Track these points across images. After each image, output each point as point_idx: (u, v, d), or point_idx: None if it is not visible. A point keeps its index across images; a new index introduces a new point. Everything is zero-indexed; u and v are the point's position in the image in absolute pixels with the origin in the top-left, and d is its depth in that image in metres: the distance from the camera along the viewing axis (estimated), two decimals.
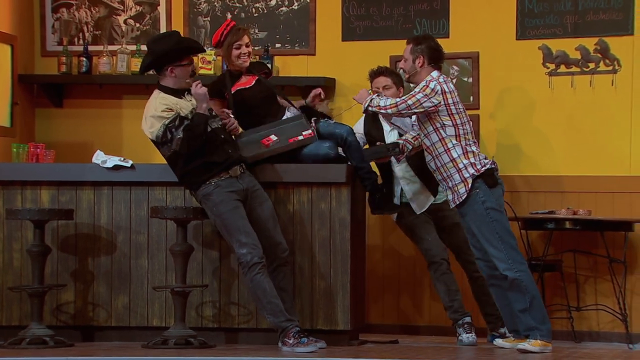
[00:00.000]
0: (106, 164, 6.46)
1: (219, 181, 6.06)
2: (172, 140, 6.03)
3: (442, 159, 6.01)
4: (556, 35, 7.12)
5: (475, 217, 5.95)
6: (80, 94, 7.83)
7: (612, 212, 6.94)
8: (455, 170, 5.98)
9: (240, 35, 6.36)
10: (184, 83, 6.16)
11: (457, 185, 5.99)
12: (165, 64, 6.10)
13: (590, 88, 7.08)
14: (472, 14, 7.26)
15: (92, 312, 6.50)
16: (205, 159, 6.06)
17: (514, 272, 5.87)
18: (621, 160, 6.98)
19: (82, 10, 7.87)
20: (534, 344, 5.88)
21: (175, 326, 6.17)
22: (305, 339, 5.93)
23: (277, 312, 5.97)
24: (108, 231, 6.51)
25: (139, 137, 7.69)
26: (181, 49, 6.12)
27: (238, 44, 6.35)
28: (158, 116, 6.06)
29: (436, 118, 6.00)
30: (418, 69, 6.07)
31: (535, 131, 7.15)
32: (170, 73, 6.12)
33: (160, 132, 6.05)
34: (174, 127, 6.03)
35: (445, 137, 5.99)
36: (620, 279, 6.73)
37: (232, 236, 6.03)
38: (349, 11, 7.49)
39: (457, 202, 6.01)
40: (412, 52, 6.08)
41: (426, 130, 6.05)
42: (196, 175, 6.08)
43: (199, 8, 7.73)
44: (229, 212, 6.03)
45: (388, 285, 7.32)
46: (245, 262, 5.98)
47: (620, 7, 7.01)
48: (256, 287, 5.97)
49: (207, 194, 6.07)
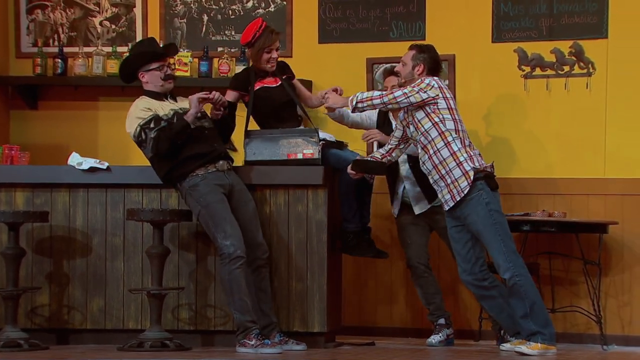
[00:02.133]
0: (82, 166, 6.43)
1: (206, 173, 6.07)
2: (147, 140, 6.06)
3: (442, 154, 5.89)
4: (531, 38, 7.17)
5: (479, 218, 5.84)
6: (56, 96, 7.79)
7: (587, 214, 6.98)
8: (456, 164, 5.88)
9: (273, 40, 6.32)
10: (159, 87, 6.19)
11: (457, 180, 5.87)
12: (138, 70, 6.21)
13: (565, 91, 7.13)
14: (448, 17, 7.29)
15: (67, 315, 6.46)
16: (191, 151, 6.06)
17: (514, 277, 5.80)
18: (596, 163, 7.03)
19: (57, 11, 7.83)
20: (533, 347, 5.80)
21: (151, 329, 6.15)
22: (268, 341, 5.94)
23: (245, 311, 5.98)
24: (84, 233, 6.48)
25: (115, 139, 7.70)
26: (141, 54, 6.20)
27: (269, 49, 6.32)
28: (135, 116, 6.12)
29: (435, 112, 5.90)
30: (415, 76, 6.01)
31: (510, 134, 7.18)
32: (142, 78, 6.24)
33: (137, 131, 6.08)
34: (147, 128, 6.06)
35: (445, 130, 5.89)
36: (594, 280, 6.77)
37: (217, 226, 6.00)
38: (326, 13, 7.50)
39: (458, 198, 5.85)
40: (414, 59, 6.03)
41: (423, 127, 5.94)
42: (183, 167, 6.08)
43: (175, 10, 7.71)
44: (216, 202, 6.02)
45: (365, 287, 7.33)
46: (228, 253, 5.96)
47: (595, 10, 7.06)
48: (232, 281, 5.96)
49: (194, 185, 6.06)
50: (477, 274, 5.92)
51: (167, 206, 6.38)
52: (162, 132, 6.04)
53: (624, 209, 6.95)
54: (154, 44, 6.37)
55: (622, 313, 6.83)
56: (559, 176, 7.07)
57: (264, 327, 6.13)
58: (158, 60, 6.21)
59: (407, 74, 6.06)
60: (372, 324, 7.28)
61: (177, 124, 6.08)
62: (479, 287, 5.94)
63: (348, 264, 7.09)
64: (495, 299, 5.97)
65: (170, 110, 6.17)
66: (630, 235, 6.96)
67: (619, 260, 6.99)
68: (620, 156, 7.00)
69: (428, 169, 6.00)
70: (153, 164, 6.19)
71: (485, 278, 5.95)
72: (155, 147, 6.05)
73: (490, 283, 5.95)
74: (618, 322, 6.92)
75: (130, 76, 6.29)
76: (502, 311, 5.99)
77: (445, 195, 5.96)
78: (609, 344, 6.69)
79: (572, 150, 7.09)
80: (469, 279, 5.95)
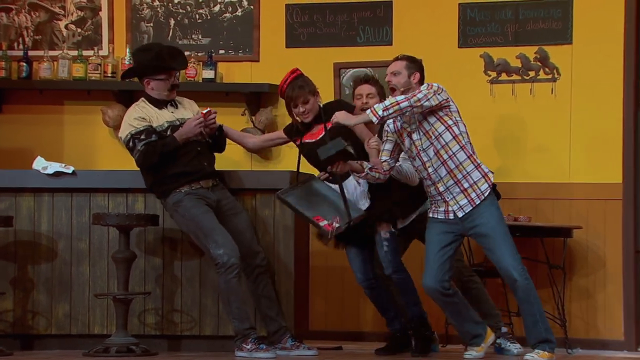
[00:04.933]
0: (47, 170, 6.39)
1: (189, 189, 6.05)
2: (134, 150, 6.05)
3: (458, 157, 5.72)
4: (497, 43, 7.22)
5: (493, 219, 5.73)
6: (20, 100, 7.72)
7: (551, 218, 7.04)
8: (474, 166, 5.76)
9: (295, 95, 6.12)
10: (164, 95, 6.16)
11: (477, 183, 5.74)
12: (143, 76, 6.16)
13: (530, 96, 7.18)
14: (415, 22, 7.32)
15: (31, 320, 6.41)
16: (178, 168, 6.05)
17: (525, 280, 5.72)
18: (561, 168, 7.09)
19: (22, 14, 7.77)
20: (542, 355, 5.73)
21: (117, 334, 6.12)
22: (263, 345, 5.94)
23: (244, 319, 5.97)
24: (49, 238, 6.44)
25: (80, 143, 7.66)
26: (155, 66, 6.12)
27: (294, 104, 6.16)
28: (129, 123, 6.09)
29: (448, 115, 5.78)
30: (413, 85, 5.91)
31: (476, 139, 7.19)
32: (147, 85, 6.17)
33: (127, 138, 6.07)
34: (137, 139, 6.03)
35: (459, 134, 5.78)
36: (559, 284, 6.82)
37: (208, 237, 5.98)
38: (293, 18, 7.51)
39: (478, 201, 5.73)
40: (408, 68, 5.92)
41: (437, 131, 5.74)
42: (166, 183, 6.06)
43: (141, 14, 7.68)
44: (202, 214, 6.01)
45: (332, 292, 7.33)
46: (222, 262, 5.93)
47: (560, 16, 7.13)
48: (229, 291, 5.95)
49: (178, 201, 6.05)
50: (445, 283, 5.82)
51: (133, 211, 6.36)
52: (149, 147, 6.01)
53: (589, 213, 7.02)
54: (164, 53, 6.16)
55: (586, 317, 6.89)
56: (524, 181, 7.13)
57: (274, 332, 6.13)
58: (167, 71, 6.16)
59: (405, 83, 5.91)
60: (339, 328, 7.29)
61: (169, 142, 6.04)
62: (444, 294, 5.84)
63: (315, 269, 7.09)
64: (456, 304, 5.90)
65: (165, 122, 6.12)
66: (594, 240, 7.02)
67: (583, 265, 7.05)
68: (585, 161, 7.06)
69: (439, 176, 5.77)
70: (141, 172, 6.18)
71: (449, 287, 5.86)
72: (142, 159, 6.03)
73: (453, 291, 5.90)
74: (582, 326, 6.98)
75: (132, 75, 6.25)
76: (460, 316, 5.91)
77: (460, 201, 5.76)
78: (574, 347, 6.74)
79: (538, 155, 7.14)
80: (437, 286, 5.80)
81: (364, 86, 6.35)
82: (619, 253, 7.00)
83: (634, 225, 7.01)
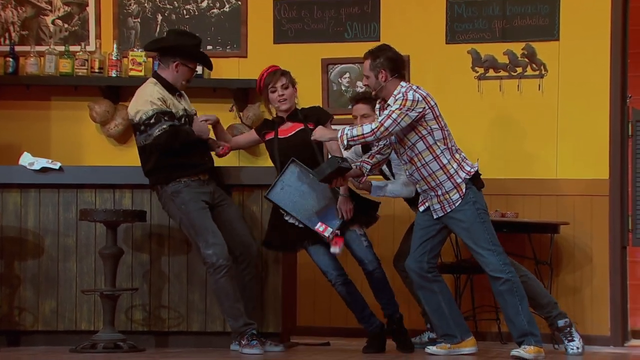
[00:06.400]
0: (34, 166, 6.37)
1: (189, 181, 6.04)
2: (155, 126, 5.91)
3: (430, 167, 5.72)
4: (485, 39, 7.23)
5: (466, 218, 5.73)
6: (7, 95, 7.70)
7: (538, 214, 7.05)
8: (447, 177, 5.73)
9: (276, 78, 6.12)
10: (179, 84, 6.12)
11: (448, 193, 5.73)
12: (175, 57, 6.05)
13: (517, 92, 7.20)
14: (402, 18, 7.33)
15: (18, 317, 6.39)
16: (185, 159, 6.02)
17: (506, 274, 5.72)
18: (548, 164, 7.11)
19: (8, 10, 7.74)
20: (529, 350, 5.71)
21: (104, 330, 6.11)
22: (255, 341, 5.95)
23: (238, 317, 5.98)
24: (35, 234, 6.42)
25: (67, 139, 7.63)
26: (195, 54, 6.10)
27: (273, 87, 6.13)
28: (151, 101, 5.98)
29: (422, 125, 5.70)
30: (383, 84, 5.77)
31: (464, 135, 7.22)
32: (175, 68, 6.08)
33: (149, 114, 5.94)
34: (163, 118, 5.94)
35: (433, 143, 5.71)
36: (546, 280, 6.84)
37: (199, 235, 5.98)
38: (281, 14, 7.50)
39: (448, 209, 5.74)
40: (373, 68, 5.77)
41: (410, 141, 5.72)
42: (169, 171, 6.02)
43: (128, 9, 7.66)
44: (197, 211, 6.00)
45: (320, 288, 7.33)
46: (211, 263, 5.94)
47: (547, 12, 7.14)
48: (220, 291, 5.96)
49: (177, 191, 6.03)
50: (424, 264, 5.82)
51: (120, 206, 6.34)
52: (175, 129, 5.96)
53: (575, 209, 7.04)
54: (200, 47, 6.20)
55: (573, 312, 6.90)
56: (512, 177, 7.14)
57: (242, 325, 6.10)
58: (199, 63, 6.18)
59: (375, 84, 5.80)
60: (327, 324, 7.29)
61: (191, 132, 6.04)
62: (421, 276, 5.84)
63: (302, 265, 7.09)
64: (434, 293, 5.88)
65: (181, 110, 6.10)
66: (581, 236, 7.05)
67: (570, 260, 7.07)
68: (572, 157, 7.09)
69: (416, 179, 5.83)
70: (142, 154, 6.09)
71: (430, 271, 5.85)
72: (165, 138, 5.94)
73: (433, 276, 5.86)
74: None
75: (162, 54, 6.11)
76: (438, 309, 5.89)
77: (434, 205, 5.81)
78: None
79: (525, 151, 7.16)
80: (414, 266, 5.83)
81: (357, 106, 6.30)
82: (605, 249, 7.02)
83: (621, 221, 7.03)
